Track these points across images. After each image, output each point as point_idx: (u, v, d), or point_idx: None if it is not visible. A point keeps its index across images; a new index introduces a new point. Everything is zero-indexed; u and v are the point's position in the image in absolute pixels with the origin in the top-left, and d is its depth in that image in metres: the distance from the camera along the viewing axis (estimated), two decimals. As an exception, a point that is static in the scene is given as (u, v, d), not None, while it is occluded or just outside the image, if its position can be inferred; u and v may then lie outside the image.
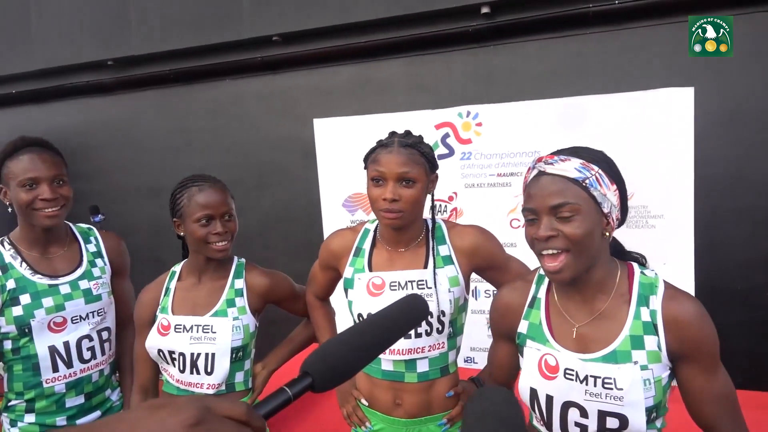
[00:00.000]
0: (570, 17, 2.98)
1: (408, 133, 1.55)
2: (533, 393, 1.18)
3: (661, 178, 2.75)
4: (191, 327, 1.58)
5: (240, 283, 1.67)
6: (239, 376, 1.63)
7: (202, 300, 1.63)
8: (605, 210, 1.09)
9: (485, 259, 1.54)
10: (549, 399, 1.16)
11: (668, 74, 2.81)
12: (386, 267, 1.55)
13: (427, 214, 1.59)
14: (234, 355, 1.58)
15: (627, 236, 1.26)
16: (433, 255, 1.52)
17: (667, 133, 2.73)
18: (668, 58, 2.84)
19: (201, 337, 1.57)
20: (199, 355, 1.56)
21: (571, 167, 1.09)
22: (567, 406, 1.14)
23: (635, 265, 1.19)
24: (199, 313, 1.61)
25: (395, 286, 1.51)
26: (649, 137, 2.75)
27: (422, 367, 1.52)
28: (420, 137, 1.55)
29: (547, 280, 1.25)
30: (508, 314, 1.28)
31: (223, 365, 1.57)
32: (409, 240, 1.55)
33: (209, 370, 1.56)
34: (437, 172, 1.57)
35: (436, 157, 1.56)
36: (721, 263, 2.87)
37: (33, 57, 4.31)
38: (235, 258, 1.72)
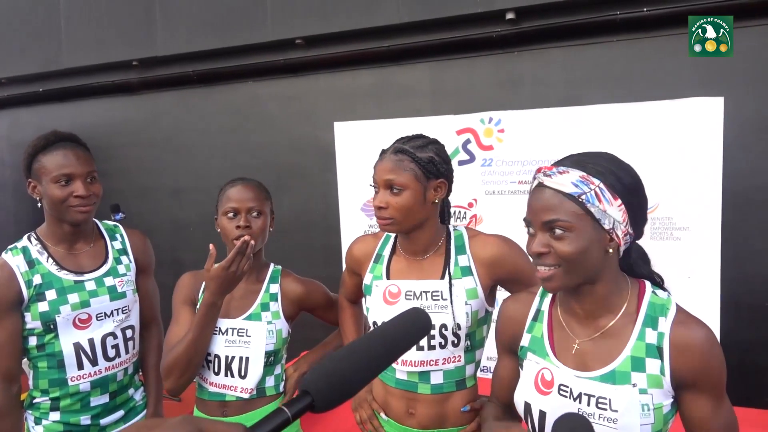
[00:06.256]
0: (597, 24, 2.95)
1: (417, 136, 1.50)
2: (527, 407, 1.14)
3: (688, 189, 2.69)
4: (226, 330, 1.58)
5: (275, 288, 1.67)
6: (270, 381, 1.62)
7: (235, 302, 1.62)
8: (606, 226, 1.02)
9: (508, 272, 1.48)
10: (542, 415, 1.12)
11: (697, 83, 2.77)
12: (404, 275, 1.51)
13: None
14: (266, 360, 1.58)
15: (651, 248, 1.21)
16: (448, 265, 1.47)
17: (695, 143, 2.67)
18: (697, 67, 2.80)
19: (236, 340, 1.57)
20: (233, 358, 1.56)
21: (567, 181, 1.03)
22: None
23: (648, 283, 1.13)
24: (232, 315, 1.61)
25: (410, 295, 1.48)
26: (676, 147, 2.70)
27: (436, 379, 1.48)
28: (424, 142, 1.47)
29: (551, 294, 1.21)
30: (511, 326, 1.24)
31: (256, 369, 1.57)
32: (425, 248, 1.51)
33: (243, 373, 1.56)
34: (445, 178, 1.48)
35: (440, 162, 1.46)
36: (748, 278, 2.80)
37: (60, 56, 4.39)
38: (272, 264, 1.73)
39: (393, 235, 1.59)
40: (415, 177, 1.41)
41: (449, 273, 1.46)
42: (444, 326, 1.44)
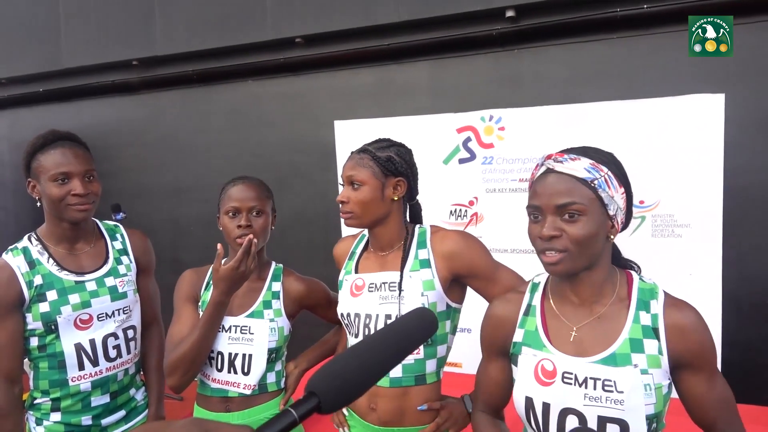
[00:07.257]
0: (597, 21, 2.94)
1: (383, 140, 1.59)
2: (528, 402, 1.14)
3: (689, 186, 2.69)
4: (230, 327, 1.60)
5: (277, 286, 1.69)
6: (271, 377, 1.64)
7: (238, 300, 1.63)
8: (611, 212, 1.08)
9: (466, 266, 1.49)
10: (546, 407, 1.12)
11: (698, 80, 2.76)
12: (369, 269, 1.58)
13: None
14: (268, 357, 1.60)
15: (652, 245, 1.24)
16: (403, 259, 1.52)
17: (696, 140, 2.67)
18: (698, 64, 2.78)
19: (239, 337, 1.59)
20: (236, 355, 1.58)
21: (580, 167, 1.08)
22: (565, 413, 1.10)
23: (633, 272, 1.19)
24: (235, 313, 1.62)
25: (372, 287, 1.53)
26: (677, 144, 2.70)
27: (394, 372, 1.48)
28: (387, 144, 1.56)
29: (541, 287, 1.23)
30: (502, 326, 1.24)
31: (259, 366, 1.59)
32: (390, 243, 1.56)
33: (246, 370, 1.58)
34: (405, 177, 1.54)
35: (399, 162, 1.53)
36: (749, 275, 2.80)
37: (60, 56, 4.38)
38: (273, 263, 1.74)
39: (367, 234, 1.64)
40: (373, 173, 1.50)
41: (402, 265, 1.50)
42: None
